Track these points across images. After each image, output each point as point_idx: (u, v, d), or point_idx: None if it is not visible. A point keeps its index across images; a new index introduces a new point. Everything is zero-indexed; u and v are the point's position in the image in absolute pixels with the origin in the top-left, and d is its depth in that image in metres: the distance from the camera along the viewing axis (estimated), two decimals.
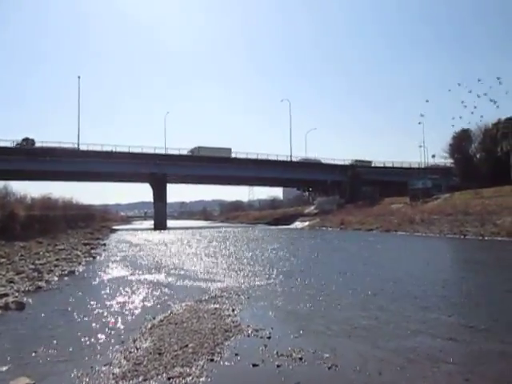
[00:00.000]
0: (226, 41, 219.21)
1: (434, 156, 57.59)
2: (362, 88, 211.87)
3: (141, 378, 4.35)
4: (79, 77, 55.76)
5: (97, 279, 11.51)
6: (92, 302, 8.24)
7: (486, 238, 22.93)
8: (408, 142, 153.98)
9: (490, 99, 52.11)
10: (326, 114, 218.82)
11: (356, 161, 66.91)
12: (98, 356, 5.09)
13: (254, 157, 59.95)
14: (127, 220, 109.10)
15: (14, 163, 44.27)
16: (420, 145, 69.65)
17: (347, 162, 65.89)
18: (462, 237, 24.68)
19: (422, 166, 62.31)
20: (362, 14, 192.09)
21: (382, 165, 67.75)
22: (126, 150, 53.00)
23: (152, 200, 58.77)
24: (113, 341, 5.70)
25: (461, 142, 51.90)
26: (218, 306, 7.71)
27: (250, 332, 5.99)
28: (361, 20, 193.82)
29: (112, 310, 7.64)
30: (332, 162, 65.23)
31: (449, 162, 57.51)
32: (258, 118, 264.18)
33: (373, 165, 67.18)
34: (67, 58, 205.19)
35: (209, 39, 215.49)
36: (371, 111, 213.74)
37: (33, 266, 12.72)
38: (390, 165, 67.26)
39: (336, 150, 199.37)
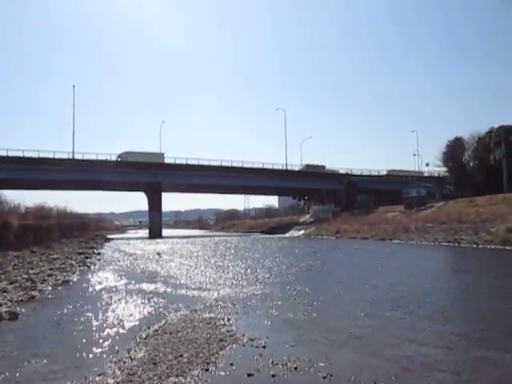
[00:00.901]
0: (223, 51, 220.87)
1: (427, 164, 58.23)
2: (357, 96, 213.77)
3: None
4: (74, 86, 55.96)
5: (91, 289, 11.44)
6: (86, 312, 8.18)
7: (480, 246, 23.04)
8: (403, 150, 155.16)
9: None
10: (321, 122, 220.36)
11: (307, 165, 64.34)
12: (92, 366, 5.04)
13: (249, 165, 60.07)
14: (122, 229, 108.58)
15: (7, 172, 44.02)
16: (414, 153, 70.25)
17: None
18: (457, 245, 24.79)
19: (416, 175, 62.63)
20: (357, 23, 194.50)
21: (376, 173, 68.09)
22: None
23: (147, 209, 58.57)
24: (107, 351, 5.66)
25: (454, 150, 52.27)
26: (213, 315, 7.69)
27: (245, 341, 5.97)
28: (356, 28, 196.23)
29: (106, 319, 7.58)
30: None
31: (442, 170, 57.90)
32: (254, 126, 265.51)
33: (368, 173, 67.33)
34: (63, 68, 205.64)
35: (206, 49, 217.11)
36: (367, 120, 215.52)
37: (26, 276, 12.60)
38: (385, 173, 67.56)
39: (333, 159, 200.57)
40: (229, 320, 7.27)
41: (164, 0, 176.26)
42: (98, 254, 24.76)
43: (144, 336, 6.33)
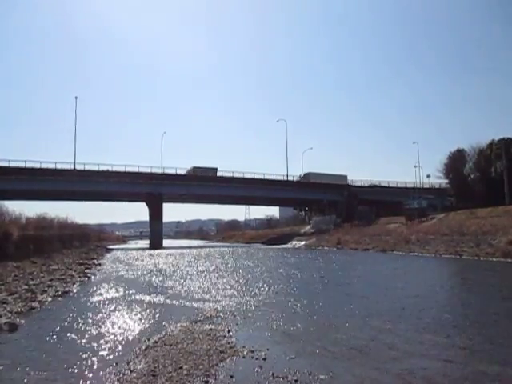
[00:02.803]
0: (224, 60, 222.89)
1: (429, 176, 58.07)
2: (358, 107, 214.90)
3: None
4: (76, 97, 56.17)
5: (91, 300, 11.39)
6: (85, 324, 8.15)
7: (482, 259, 22.93)
8: (406, 162, 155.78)
9: None
10: (324, 132, 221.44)
11: (194, 168, 59.03)
12: (91, 379, 5.02)
13: (250, 176, 60.18)
14: (123, 239, 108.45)
15: (9, 182, 44.18)
16: (415, 164, 70.27)
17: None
18: (458, 257, 24.66)
19: (418, 186, 62.70)
20: (364, 37, 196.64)
21: (377, 184, 68.07)
22: (122, 169, 53.13)
23: (148, 219, 58.58)
24: (106, 363, 5.63)
25: (455, 162, 52.46)
26: (213, 326, 7.66)
27: (245, 353, 5.94)
28: (361, 42, 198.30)
29: (106, 331, 7.55)
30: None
31: (444, 181, 57.99)
32: (255, 136, 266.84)
33: (368, 184, 67.28)
34: (63, 79, 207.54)
35: (207, 59, 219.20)
36: (367, 131, 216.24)
37: (26, 287, 12.58)
38: (386, 184, 67.61)
39: (334, 170, 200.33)
40: (229, 331, 7.24)
41: (164, 11, 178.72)
42: (99, 264, 24.69)
43: (143, 348, 6.30)
